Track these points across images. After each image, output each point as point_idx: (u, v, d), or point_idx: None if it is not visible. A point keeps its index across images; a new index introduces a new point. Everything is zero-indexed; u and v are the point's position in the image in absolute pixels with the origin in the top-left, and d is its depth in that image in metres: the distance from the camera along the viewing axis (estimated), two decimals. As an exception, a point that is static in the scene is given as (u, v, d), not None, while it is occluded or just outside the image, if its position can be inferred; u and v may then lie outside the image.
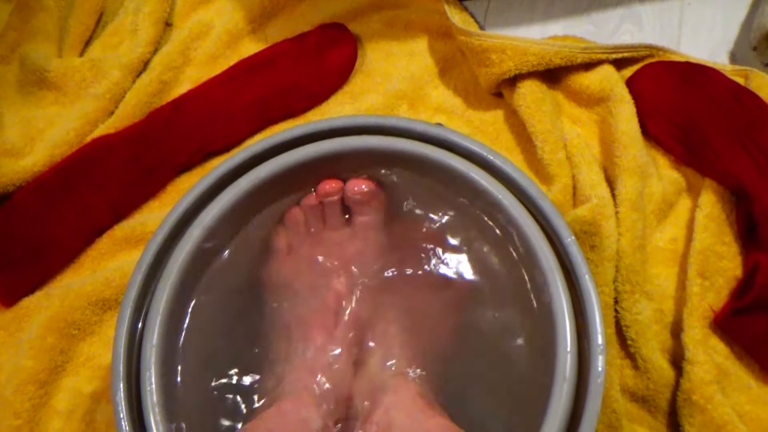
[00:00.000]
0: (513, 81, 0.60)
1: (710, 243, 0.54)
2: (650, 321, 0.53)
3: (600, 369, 0.40)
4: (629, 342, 0.52)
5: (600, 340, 0.40)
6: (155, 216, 0.58)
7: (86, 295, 0.54)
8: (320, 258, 0.51)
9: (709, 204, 0.56)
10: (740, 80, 0.61)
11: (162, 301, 0.43)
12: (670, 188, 0.58)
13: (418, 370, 0.47)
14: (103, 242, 0.58)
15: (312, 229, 0.51)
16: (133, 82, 0.64)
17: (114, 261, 0.57)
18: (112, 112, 0.62)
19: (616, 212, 0.55)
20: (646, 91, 0.60)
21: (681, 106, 0.59)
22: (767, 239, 0.53)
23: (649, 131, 0.59)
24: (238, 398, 0.46)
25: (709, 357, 0.50)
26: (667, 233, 0.57)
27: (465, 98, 0.64)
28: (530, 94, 0.59)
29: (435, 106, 0.64)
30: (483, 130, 0.62)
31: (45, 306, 0.54)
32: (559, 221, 0.44)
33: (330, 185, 0.50)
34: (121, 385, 0.41)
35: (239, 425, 0.45)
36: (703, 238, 0.54)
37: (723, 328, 0.52)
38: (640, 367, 0.52)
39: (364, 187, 0.50)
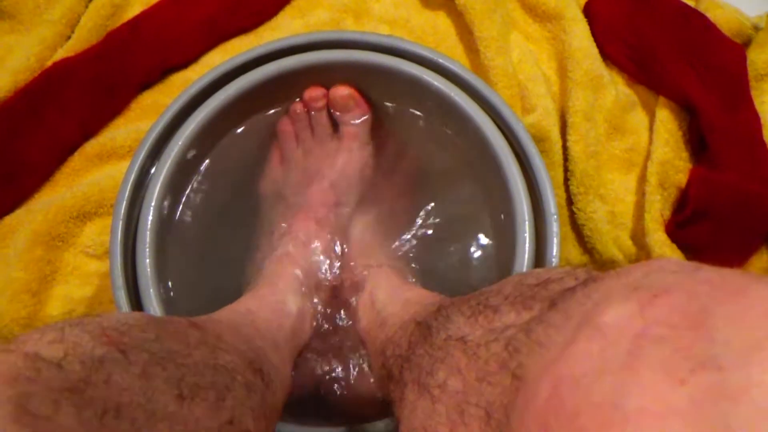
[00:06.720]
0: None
1: (670, 157, 0.59)
2: (603, 221, 0.58)
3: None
4: (586, 238, 0.58)
5: (553, 209, 0.48)
6: (122, 132, 0.61)
7: (67, 210, 0.57)
8: (308, 166, 0.55)
9: (667, 119, 0.61)
10: (690, 2, 0.65)
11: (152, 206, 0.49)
12: (625, 100, 0.62)
13: (392, 261, 0.54)
14: (75, 160, 0.60)
15: (302, 140, 0.55)
16: (86, 6, 0.65)
17: (89, 176, 0.60)
18: (69, 37, 0.64)
19: (570, 122, 0.59)
20: (602, 13, 0.65)
21: (634, 27, 0.63)
22: (713, 150, 0.58)
23: (605, 51, 0.64)
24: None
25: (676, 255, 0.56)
26: (623, 142, 0.62)
27: (406, 10, 0.68)
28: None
29: (378, 18, 0.68)
30: (424, 39, 0.66)
31: (28, 221, 0.57)
32: (509, 111, 0.51)
33: (315, 91, 0.54)
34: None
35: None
36: (664, 151, 0.59)
37: (672, 239, 0.58)
38: (597, 261, 0.58)
39: (345, 91, 0.54)
